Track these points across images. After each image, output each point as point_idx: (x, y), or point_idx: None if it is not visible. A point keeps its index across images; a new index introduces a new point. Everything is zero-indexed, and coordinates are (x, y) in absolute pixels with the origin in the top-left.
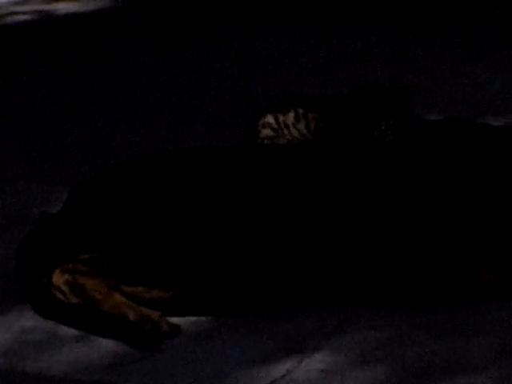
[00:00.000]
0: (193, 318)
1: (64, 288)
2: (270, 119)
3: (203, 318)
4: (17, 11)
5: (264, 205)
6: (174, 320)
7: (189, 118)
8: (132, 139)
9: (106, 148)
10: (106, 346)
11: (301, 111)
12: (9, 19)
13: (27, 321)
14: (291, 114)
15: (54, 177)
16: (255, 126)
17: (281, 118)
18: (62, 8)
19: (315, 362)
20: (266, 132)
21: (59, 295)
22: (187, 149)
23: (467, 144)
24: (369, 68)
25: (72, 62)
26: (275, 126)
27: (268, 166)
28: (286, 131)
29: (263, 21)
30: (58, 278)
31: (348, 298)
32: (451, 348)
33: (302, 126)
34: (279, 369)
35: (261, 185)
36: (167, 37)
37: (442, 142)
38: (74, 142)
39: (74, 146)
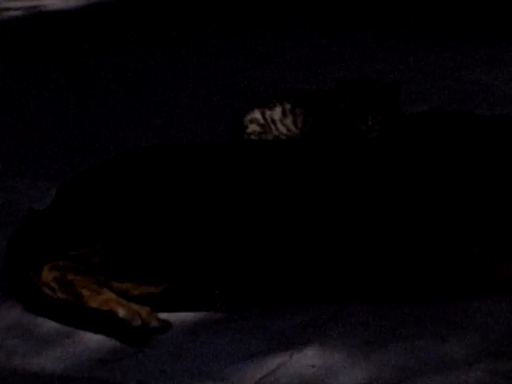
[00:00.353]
0: (182, 314)
1: (53, 284)
2: (256, 115)
3: (193, 314)
4: (9, 7)
5: (252, 200)
6: (164, 316)
7: (178, 114)
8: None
9: (95, 144)
10: (97, 342)
11: (288, 106)
12: (2, 14)
13: (17, 317)
14: (278, 110)
15: (42, 173)
16: (242, 121)
17: (268, 114)
18: (53, 3)
19: (305, 357)
20: (253, 127)
21: (48, 291)
22: (176, 145)
23: (453, 136)
24: (358, 64)
25: (60, 59)
26: (262, 122)
27: (256, 163)
28: (272, 127)
29: (252, 18)
30: (47, 275)
31: (338, 293)
32: (438, 343)
33: (289, 121)
34: (270, 364)
35: (249, 181)
36: (156, 33)
37: (429, 135)
38: (63, 138)
39: (62, 142)
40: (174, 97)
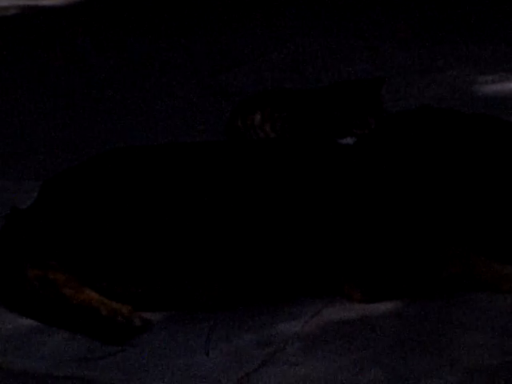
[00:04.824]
0: (165, 313)
1: (35, 283)
2: (238, 121)
3: (175, 313)
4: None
5: (233, 200)
6: (146, 314)
7: (160, 114)
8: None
9: (78, 143)
10: (78, 340)
11: (268, 111)
12: None
13: None
14: (258, 116)
15: (26, 172)
16: (233, 123)
17: (249, 120)
18: (44, 2)
19: (288, 355)
20: (238, 131)
21: (30, 290)
22: (157, 145)
23: (440, 135)
24: (341, 64)
25: (44, 58)
26: (242, 128)
27: (237, 161)
28: (252, 132)
29: (236, 19)
30: (29, 274)
31: (321, 290)
32: (422, 337)
33: (268, 127)
34: (253, 362)
35: (227, 180)
36: (142, 33)
37: (416, 133)
38: (46, 137)
39: (45, 142)
40: (157, 96)
